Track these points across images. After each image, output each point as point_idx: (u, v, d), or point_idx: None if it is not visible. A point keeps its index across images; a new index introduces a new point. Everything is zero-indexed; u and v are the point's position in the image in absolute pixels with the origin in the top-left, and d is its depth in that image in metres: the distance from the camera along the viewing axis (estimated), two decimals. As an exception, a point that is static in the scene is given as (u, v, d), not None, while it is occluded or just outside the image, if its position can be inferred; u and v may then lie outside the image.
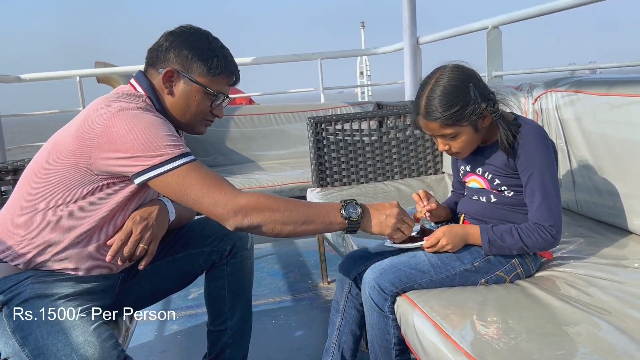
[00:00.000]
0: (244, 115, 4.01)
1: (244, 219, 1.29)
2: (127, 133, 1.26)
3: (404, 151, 2.85)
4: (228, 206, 1.28)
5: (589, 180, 1.77)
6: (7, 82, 3.94)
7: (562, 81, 1.93)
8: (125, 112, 1.29)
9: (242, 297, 1.72)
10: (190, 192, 1.29)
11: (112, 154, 1.27)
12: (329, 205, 1.38)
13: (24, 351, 1.18)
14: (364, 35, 19.26)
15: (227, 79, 1.46)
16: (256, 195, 1.32)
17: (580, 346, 1.06)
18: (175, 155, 1.29)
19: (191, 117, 1.45)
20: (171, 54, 1.41)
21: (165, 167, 1.28)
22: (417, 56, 4.08)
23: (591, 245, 1.59)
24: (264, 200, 1.31)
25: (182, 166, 1.29)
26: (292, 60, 4.77)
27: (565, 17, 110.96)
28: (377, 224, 1.39)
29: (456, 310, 1.26)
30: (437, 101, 1.35)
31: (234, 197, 1.29)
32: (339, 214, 1.36)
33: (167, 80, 1.41)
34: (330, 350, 1.62)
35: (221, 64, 1.42)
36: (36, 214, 1.32)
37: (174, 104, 1.43)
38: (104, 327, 1.24)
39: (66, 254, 1.34)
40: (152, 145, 1.27)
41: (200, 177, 1.29)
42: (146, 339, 2.36)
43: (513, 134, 1.37)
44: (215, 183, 1.30)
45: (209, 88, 1.42)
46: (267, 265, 3.21)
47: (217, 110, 1.48)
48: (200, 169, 1.31)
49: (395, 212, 1.40)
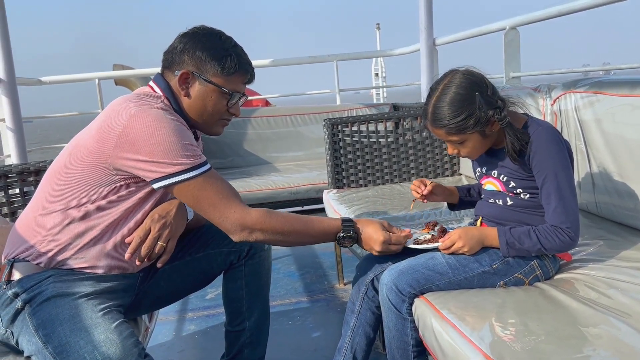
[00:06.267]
0: (261, 117, 4.03)
1: (249, 236, 1.39)
2: (147, 136, 1.29)
3: (420, 152, 2.84)
4: (236, 223, 1.37)
5: (609, 182, 1.75)
6: (29, 84, 4.00)
7: (582, 82, 1.91)
8: (145, 112, 1.31)
9: (260, 297, 1.73)
10: (203, 203, 1.36)
11: (132, 155, 1.30)
12: (329, 229, 1.47)
13: (47, 349, 1.20)
14: (379, 36, 19.22)
15: (242, 78, 1.47)
16: (264, 215, 1.39)
17: (600, 349, 1.05)
18: (194, 166, 1.33)
19: (208, 117, 1.47)
20: (185, 56, 1.42)
21: (183, 177, 1.32)
22: (434, 57, 4.07)
23: (611, 248, 1.57)
24: (269, 222, 1.39)
25: (198, 177, 1.34)
26: (308, 62, 4.79)
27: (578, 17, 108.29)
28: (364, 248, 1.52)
29: (474, 312, 1.25)
30: (443, 110, 1.36)
31: (243, 216, 1.37)
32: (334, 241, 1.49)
33: (183, 82, 1.43)
34: (343, 350, 1.62)
35: (235, 63, 1.43)
36: (58, 213, 1.35)
37: (191, 105, 1.45)
38: (124, 325, 1.26)
39: (86, 252, 1.36)
40: (172, 153, 1.30)
41: (214, 190, 1.36)
42: (164, 339, 2.38)
43: (520, 141, 1.36)
44: (227, 198, 1.37)
45: (224, 87, 1.43)
46: (284, 267, 3.22)
47: (233, 109, 1.49)
48: (214, 182, 1.37)
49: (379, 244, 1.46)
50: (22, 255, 1.35)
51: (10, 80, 3.24)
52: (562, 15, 2.75)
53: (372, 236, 1.46)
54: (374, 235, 1.45)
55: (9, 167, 1.87)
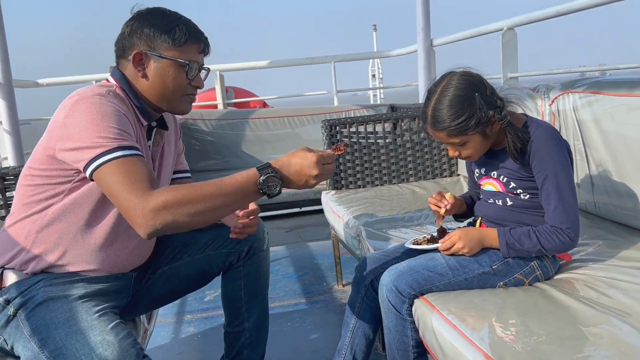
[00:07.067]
0: (259, 118, 4.03)
1: (157, 219, 1.14)
2: (76, 124, 1.23)
3: (418, 153, 2.84)
4: (138, 209, 1.14)
5: (608, 182, 1.75)
6: (25, 87, 3.99)
7: (580, 82, 1.91)
8: (83, 100, 1.26)
9: (259, 298, 1.73)
10: (111, 191, 1.18)
11: (63, 144, 1.24)
12: (244, 180, 1.23)
13: (44, 353, 1.18)
14: (376, 37, 19.25)
15: (195, 46, 1.42)
16: (167, 191, 1.17)
17: (601, 349, 1.05)
18: (110, 148, 1.19)
19: (171, 94, 1.42)
20: (134, 38, 1.39)
21: (98, 161, 1.19)
22: (431, 58, 4.07)
23: (610, 248, 1.57)
24: (175, 195, 1.16)
25: (111, 161, 1.18)
26: (306, 63, 4.79)
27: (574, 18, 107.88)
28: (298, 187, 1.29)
29: (475, 313, 1.25)
30: (443, 112, 1.35)
31: (145, 200, 1.15)
32: (257, 194, 1.25)
33: (137, 64, 1.39)
34: (343, 351, 1.62)
35: (184, 32, 1.39)
36: (30, 219, 1.33)
37: (150, 86, 1.41)
38: (121, 326, 1.24)
39: (71, 255, 1.34)
40: (93, 137, 1.20)
41: (123, 175, 1.17)
42: (163, 341, 2.37)
43: (522, 140, 1.36)
44: (134, 182, 1.16)
45: (179, 59, 1.39)
46: (282, 268, 3.21)
47: (195, 82, 1.44)
48: (128, 165, 1.18)
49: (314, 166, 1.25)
50: (9, 264, 1.33)
51: (7, 83, 3.24)
52: (560, 15, 2.75)
53: (302, 163, 1.25)
54: (303, 161, 1.25)
55: (6, 169, 1.87)
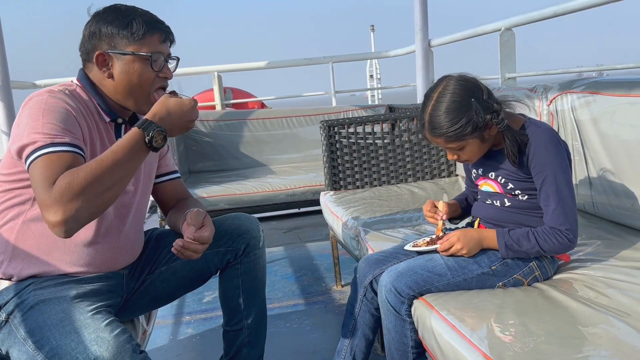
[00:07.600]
0: (257, 119, 4.03)
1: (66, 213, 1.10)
2: (21, 121, 1.24)
3: (417, 154, 2.84)
4: (46, 206, 1.11)
5: (606, 182, 1.75)
6: (23, 88, 3.99)
7: (578, 82, 1.91)
8: (33, 99, 1.28)
9: (257, 295, 1.72)
10: (33, 189, 1.15)
11: (14, 145, 1.24)
12: (129, 139, 1.21)
13: (40, 355, 1.17)
14: (373, 38, 19.24)
15: (156, 37, 1.41)
16: (66, 177, 1.12)
17: (600, 349, 1.05)
18: (44, 144, 1.17)
19: (140, 90, 1.40)
20: (94, 40, 1.39)
21: (31, 157, 1.17)
22: (429, 59, 4.08)
23: (609, 248, 1.58)
24: (76, 179, 1.12)
25: (40, 157, 1.16)
26: (304, 64, 4.79)
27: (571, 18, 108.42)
28: (179, 133, 1.33)
29: (474, 313, 1.25)
30: (440, 118, 1.35)
31: (49, 194, 1.11)
32: (146, 152, 1.25)
33: (102, 65, 1.39)
34: (342, 352, 1.62)
35: (141, 25, 1.38)
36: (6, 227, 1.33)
37: (117, 86, 1.40)
38: (115, 323, 1.23)
39: (53, 258, 1.33)
40: (31, 133, 1.19)
41: (41, 171, 1.14)
42: (161, 343, 2.37)
43: (520, 143, 1.36)
44: (46, 178, 1.13)
45: (140, 53, 1.38)
46: (280, 269, 3.21)
47: (163, 72, 1.43)
48: (50, 161, 1.15)
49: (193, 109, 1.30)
50: None
51: (4, 84, 3.23)
52: (558, 15, 2.76)
53: (182, 110, 1.29)
54: (182, 107, 1.29)
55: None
